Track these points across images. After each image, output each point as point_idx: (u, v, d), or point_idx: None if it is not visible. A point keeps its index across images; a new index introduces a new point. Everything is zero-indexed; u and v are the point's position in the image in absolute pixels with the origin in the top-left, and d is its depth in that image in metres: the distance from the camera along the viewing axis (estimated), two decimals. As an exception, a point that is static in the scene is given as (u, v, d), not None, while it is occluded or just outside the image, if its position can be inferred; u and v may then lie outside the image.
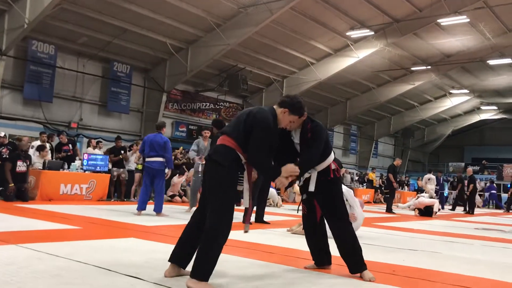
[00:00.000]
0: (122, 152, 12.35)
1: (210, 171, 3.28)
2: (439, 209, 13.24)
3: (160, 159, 8.19)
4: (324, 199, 3.83)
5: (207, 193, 3.27)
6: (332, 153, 3.94)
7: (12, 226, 5.70)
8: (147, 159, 8.31)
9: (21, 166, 9.59)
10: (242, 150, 3.28)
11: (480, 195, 23.57)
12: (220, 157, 3.24)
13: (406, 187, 25.65)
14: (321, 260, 4.02)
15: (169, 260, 3.38)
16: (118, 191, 12.17)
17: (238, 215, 8.21)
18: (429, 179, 18.01)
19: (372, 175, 22.59)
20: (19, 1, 12.65)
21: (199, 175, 8.72)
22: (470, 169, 18.50)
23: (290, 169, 3.47)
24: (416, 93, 26.69)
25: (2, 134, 11.09)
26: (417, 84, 24.01)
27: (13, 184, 9.27)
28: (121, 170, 12.16)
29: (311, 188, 3.79)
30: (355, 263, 3.77)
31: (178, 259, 3.37)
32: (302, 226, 6.25)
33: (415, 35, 19.21)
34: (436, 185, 18.86)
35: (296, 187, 7.37)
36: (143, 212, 8.10)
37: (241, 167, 3.37)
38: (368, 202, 20.36)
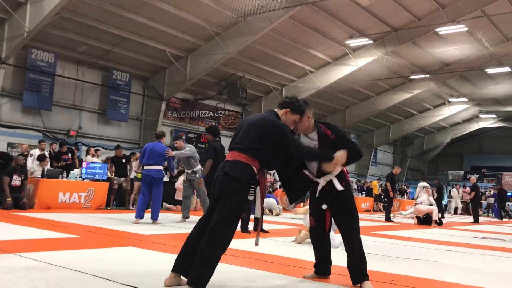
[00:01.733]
0: (124, 161, 12.32)
1: (224, 185, 3.28)
2: (439, 218, 13.13)
3: (159, 167, 8.22)
4: (339, 206, 3.82)
5: (218, 206, 3.27)
6: None
7: (10, 235, 5.69)
8: (145, 167, 8.33)
9: (16, 180, 9.63)
10: (254, 163, 3.36)
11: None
12: (237, 174, 3.29)
13: (405, 195, 25.63)
14: (323, 269, 4.01)
15: (172, 270, 3.36)
16: (117, 199, 12.14)
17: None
18: (424, 187, 17.95)
19: (375, 183, 22.55)
20: (19, 9, 12.71)
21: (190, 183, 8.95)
22: (473, 177, 18.44)
23: (339, 156, 3.50)
24: (415, 101, 26.77)
25: None
26: (416, 92, 24.07)
27: (10, 199, 9.30)
28: (122, 179, 12.15)
29: (339, 187, 3.74)
30: (360, 274, 3.75)
31: (180, 268, 3.35)
32: (303, 233, 6.29)
33: (414, 44, 19.30)
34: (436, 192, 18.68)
35: (300, 209, 7.35)
36: (141, 220, 8.08)
37: (255, 180, 3.44)
38: (367, 211, 20.34)
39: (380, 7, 16.30)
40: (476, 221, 15.93)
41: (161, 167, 8.26)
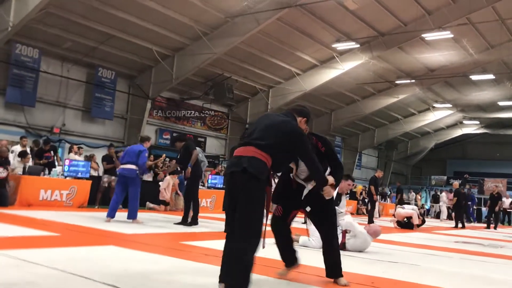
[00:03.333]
0: (113, 159, 12.24)
1: (245, 184, 3.14)
2: (422, 222, 13.23)
3: (133, 166, 8.20)
4: (321, 209, 3.97)
5: (239, 206, 3.13)
6: None
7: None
8: (120, 166, 8.39)
9: (1, 172, 9.45)
10: (269, 162, 3.26)
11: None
12: (257, 171, 3.15)
13: (388, 199, 25.84)
14: (292, 260, 4.08)
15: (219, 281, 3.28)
16: (106, 198, 12.02)
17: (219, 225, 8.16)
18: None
19: (360, 188, 22.69)
20: (3, 4, 12.52)
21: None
22: (456, 182, 18.62)
23: (331, 180, 3.72)
24: (400, 106, 27.00)
25: None
26: (401, 97, 24.28)
27: None
28: (112, 178, 12.05)
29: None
30: (336, 269, 3.96)
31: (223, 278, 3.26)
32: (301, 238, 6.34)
33: (400, 49, 19.48)
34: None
35: None
36: (112, 220, 8.02)
37: (268, 181, 3.34)
38: (351, 213, 20.43)
39: (367, 11, 16.42)
40: (456, 226, 16.10)
41: (135, 166, 8.21)
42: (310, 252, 5.63)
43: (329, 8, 15.68)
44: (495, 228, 17.31)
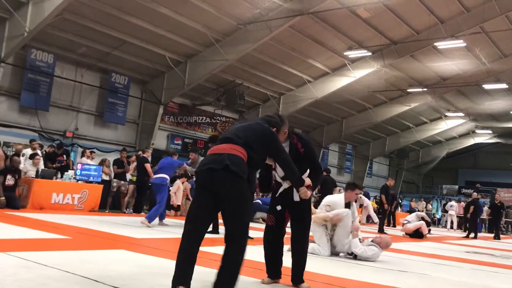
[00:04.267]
0: (124, 164, 12.38)
1: (229, 183, 3.07)
2: (429, 231, 13.14)
3: (165, 175, 9.02)
4: (296, 210, 3.96)
5: (229, 207, 3.10)
6: None
7: (1, 234, 5.68)
8: (153, 177, 9.38)
9: (10, 180, 9.63)
10: (246, 160, 3.20)
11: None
12: (239, 169, 3.08)
13: (399, 207, 25.65)
14: (276, 273, 4.02)
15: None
16: (112, 202, 12.13)
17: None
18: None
19: (374, 205, 22.55)
20: (20, 9, 12.73)
21: None
22: (475, 193, 18.45)
23: (308, 181, 3.71)
24: (412, 114, 26.89)
25: None
26: (413, 105, 24.19)
27: (4, 198, 9.30)
28: (122, 182, 12.16)
29: (296, 198, 3.89)
30: (300, 274, 3.93)
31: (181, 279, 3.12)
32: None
33: (412, 57, 19.43)
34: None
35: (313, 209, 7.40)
36: (134, 225, 8.26)
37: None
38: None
39: (379, 19, 16.43)
40: (468, 235, 15.93)
41: (166, 176, 9.03)
42: (317, 260, 5.62)
43: (342, 16, 15.72)
44: (495, 237, 16.84)
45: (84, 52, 15.60)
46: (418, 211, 17.75)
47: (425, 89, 22.46)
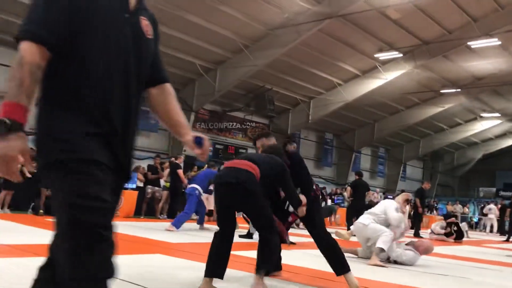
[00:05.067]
0: (158, 170, 12.56)
1: (243, 199, 3.62)
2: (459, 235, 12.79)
3: (194, 185, 9.37)
4: (306, 216, 4.17)
5: (249, 213, 3.94)
6: None
7: (42, 240, 5.81)
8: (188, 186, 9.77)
9: (49, 191, 9.90)
10: (258, 178, 3.68)
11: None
12: (254, 187, 3.58)
13: (435, 211, 25.12)
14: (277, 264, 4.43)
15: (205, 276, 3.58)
16: (151, 208, 12.30)
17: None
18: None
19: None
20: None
21: None
22: None
23: (304, 200, 4.01)
24: (446, 116, 26.31)
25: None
26: (446, 107, 23.70)
27: (42, 211, 9.57)
28: (156, 188, 12.33)
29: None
30: (341, 263, 4.04)
31: (212, 272, 3.60)
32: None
33: (445, 58, 19.05)
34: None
35: (344, 233, 7.37)
36: (160, 229, 8.57)
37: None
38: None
39: (410, 20, 16.19)
40: (508, 239, 15.42)
41: (195, 185, 9.35)
42: (354, 263, 5.54)
43: (371, 17, 15.57)
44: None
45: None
46: (455, 214, 17.35)
47: (459, 90, 21.97)
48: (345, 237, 7.16)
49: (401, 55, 17.92)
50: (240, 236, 8.11)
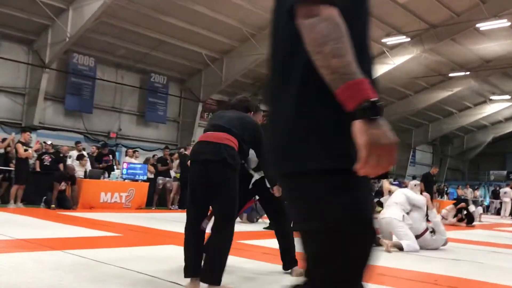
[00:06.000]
0: (168, 161, 12.62)
1: (222, 175, 3.15)
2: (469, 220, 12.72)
3: None
4: (271, 200, 3.95)
5: (216, 195, 3.18)
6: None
7: (57, 233, 5.90)
8: None
9: (63, 186, 9.97)
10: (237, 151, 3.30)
11: None
12: (234, 162, 3.17)
13: (445, 195, 25.00)
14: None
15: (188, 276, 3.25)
16: (162, 199, 12.38)
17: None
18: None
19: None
20: (61, 16, 13.13)
21: None
22: None
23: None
24: (455, 99, 26.09)
25: (49, 142, 11.57)
26: (455, 90, 23.48)
27: (54, 206, 9.64)
28: (167, 179, 12.39)
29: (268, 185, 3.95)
30: (293, 258, 3.87)
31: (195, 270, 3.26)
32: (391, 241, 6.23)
33: (453, 41, 18.83)
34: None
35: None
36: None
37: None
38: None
39: (417, 4, 15.99)
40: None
41: None
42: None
43: (378, 2, 15.36)
44: None
45: (123, 54, 15.95)
46: (466, 198, 17.25)
47: (468, 73, 21.75)
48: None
49: (408, 39, 17.74)
50: (265, 228, 8.08)
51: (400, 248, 5.76)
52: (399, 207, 6.12)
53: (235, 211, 3.26)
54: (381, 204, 8.46)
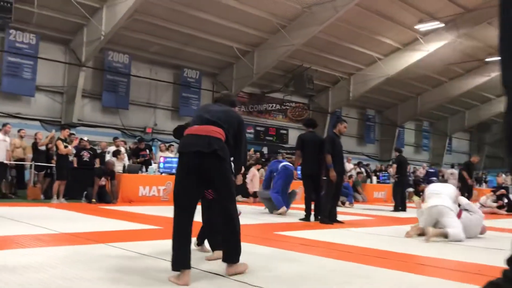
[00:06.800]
0: None
1: (217, 167, 3.28)
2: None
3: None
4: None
5: (217, 187, 3.38)
6: None
7: (99, 227, 6.08)
8: None
9: (103, 181, 10.25)
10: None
11: None
12: (224, 153, 3.29)
13: (484, 183, 24.42)
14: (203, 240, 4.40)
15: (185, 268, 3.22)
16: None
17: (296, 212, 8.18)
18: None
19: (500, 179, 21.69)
20: (95, 14, 13.43)
21: None
22: None
23: (242, 169, 3.94)
24: (492, 85, 25.25)
25: (86, 138, 11.89)
26: (492, 75, 22.79)
27: (95, 200, 9.92)
28: None
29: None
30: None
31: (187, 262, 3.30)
32: (417, 227, 6.18)
33: (489, 24, 18.24)
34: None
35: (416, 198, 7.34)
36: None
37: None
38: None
39: (451, -13, 15.60)
40: None
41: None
42: (401, 241, 5.49)
43: (410, -12, 15.09)
44: None
45: (157, 50, 16.19)
46: (506, 186, 16.80)
47: (506, 57, 21.05)
48: (417, 204, 7.10)
49: (442, 25, 17.32)
50: (301, 219, 8.11)
51: (445, 236, 5.70)
52: (449, 197, 6.10)
53: (235, 195, 3.51)
54: (418, 194, 8.40)
